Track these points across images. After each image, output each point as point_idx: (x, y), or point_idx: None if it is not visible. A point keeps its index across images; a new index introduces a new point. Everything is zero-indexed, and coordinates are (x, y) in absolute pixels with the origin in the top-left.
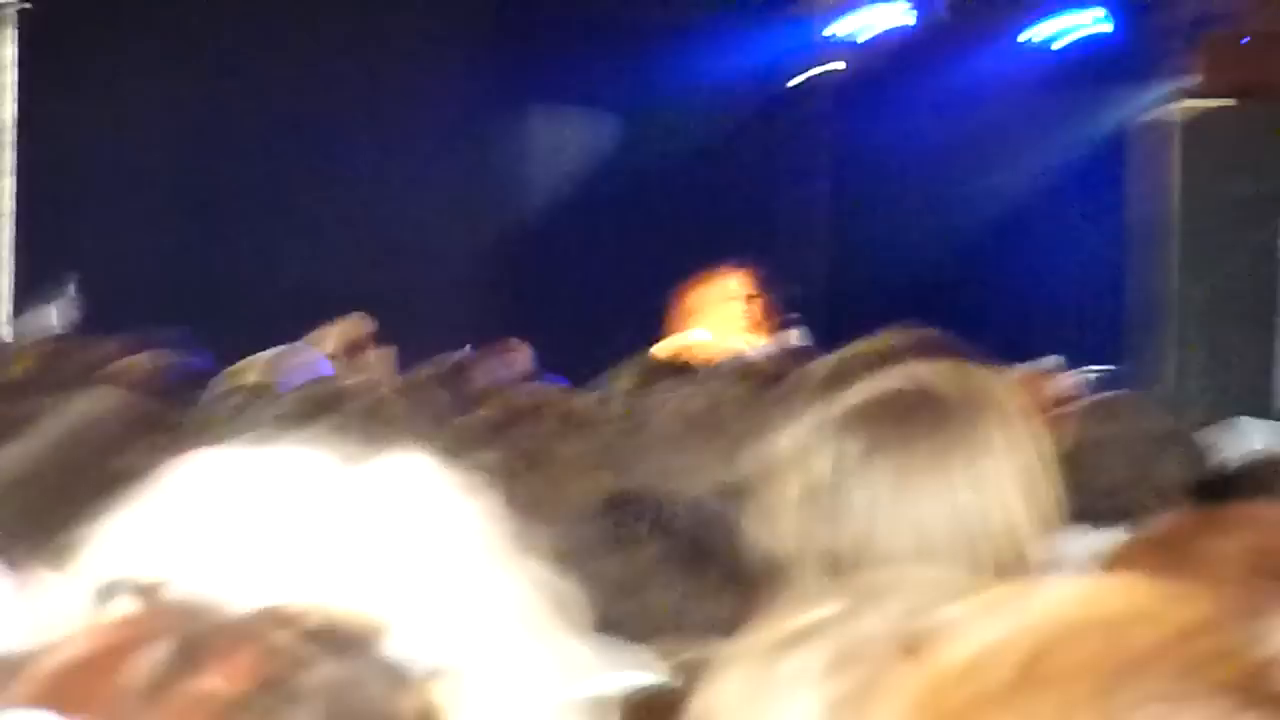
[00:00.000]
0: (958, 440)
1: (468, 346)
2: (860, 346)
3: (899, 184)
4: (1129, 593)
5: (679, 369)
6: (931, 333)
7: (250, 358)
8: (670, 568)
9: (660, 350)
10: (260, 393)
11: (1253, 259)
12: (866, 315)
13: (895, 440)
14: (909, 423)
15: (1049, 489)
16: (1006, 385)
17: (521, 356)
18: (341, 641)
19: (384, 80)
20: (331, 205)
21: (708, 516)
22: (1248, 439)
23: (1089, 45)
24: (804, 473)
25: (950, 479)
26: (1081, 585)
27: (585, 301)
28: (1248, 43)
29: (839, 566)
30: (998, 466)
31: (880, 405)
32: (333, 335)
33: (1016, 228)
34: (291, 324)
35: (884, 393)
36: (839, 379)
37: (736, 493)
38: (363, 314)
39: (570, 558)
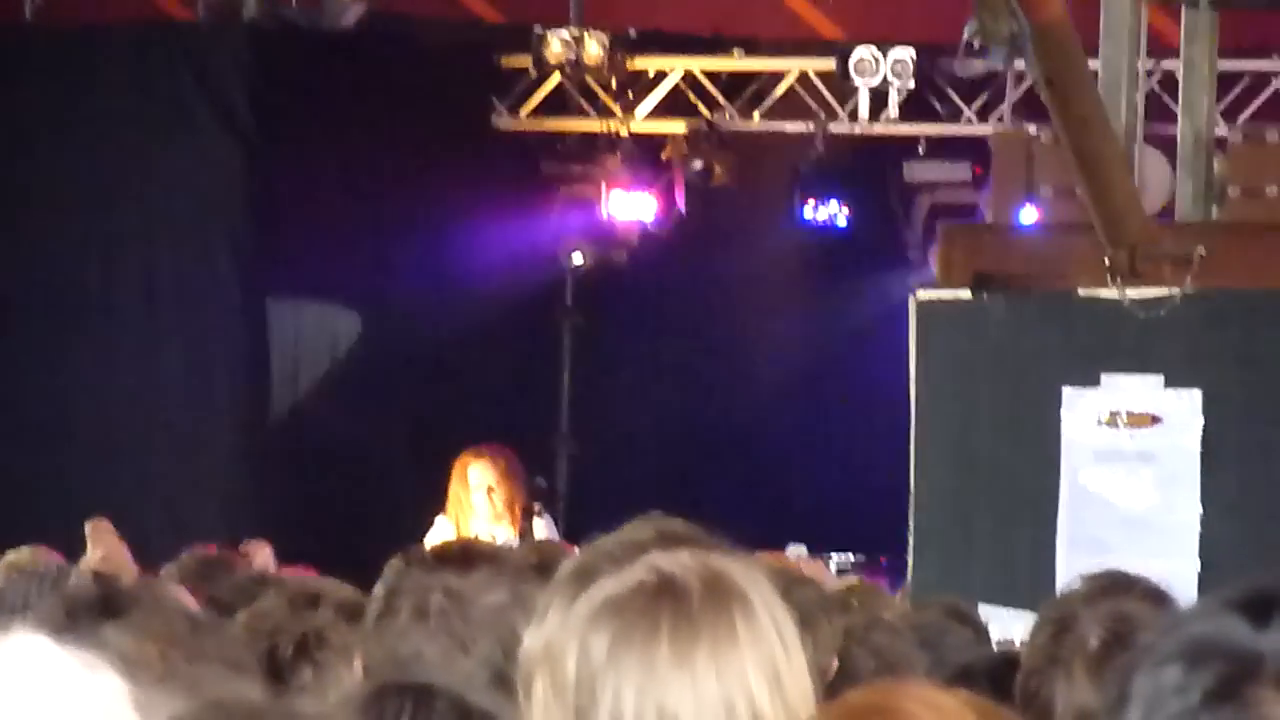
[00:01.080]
0: (701, 632)
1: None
2: (607, 540)
3: (645, 371)
4: None
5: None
6: (676, 522)
7: None
8: None
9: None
10: None
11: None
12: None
13: (639, 634)
14: (652, 616)
15: (796, 677)
16: (751, 573)
17: (263, 553)
18: None
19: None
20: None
21: (467, 712)
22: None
23: (834, 235)
24: (552, 671)
25: (694, 671)
26: None
27: (334, 490)
28: (984, 235)
29: None
30: (741, 656)
31: (624, 599)
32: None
33: (770, 410)
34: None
35: (628, 586)
36: (586, 574)
37: (499, 686)
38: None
39: None
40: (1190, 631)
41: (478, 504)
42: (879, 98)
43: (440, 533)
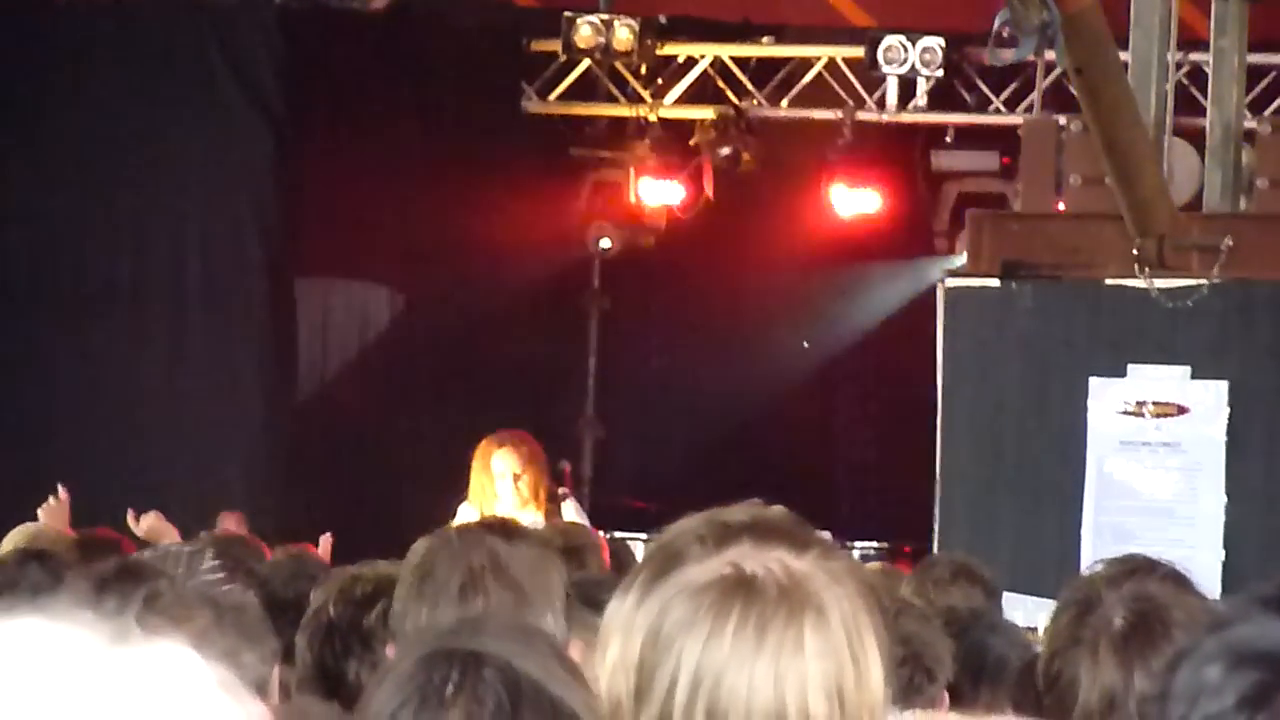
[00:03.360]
0: (767, 637)
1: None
2: (699, 518)
3: (672, 356)
4: None
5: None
6: (775, 511)
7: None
8: None
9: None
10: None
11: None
12: (635, 490)
13: (705, 628)
14: (723, 612)
15: (864, 695)
16: (838, 583)
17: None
18: None
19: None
20: (102, 381)
21: (515, 679)
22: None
23: (861, 222)
24: (623, 643)
25: (752, 674)
26: None
27: (360, 474)
28: (1013, 223)
29: None
30: (803, 668)
31: (699, 590)
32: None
33: (798, 396)
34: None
35: (706, 578)
36: (672, 552)
37: (549, 655)
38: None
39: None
40: (1235, 633)
41: (503, 492)
42: (907, 86)
43: (464, 520)
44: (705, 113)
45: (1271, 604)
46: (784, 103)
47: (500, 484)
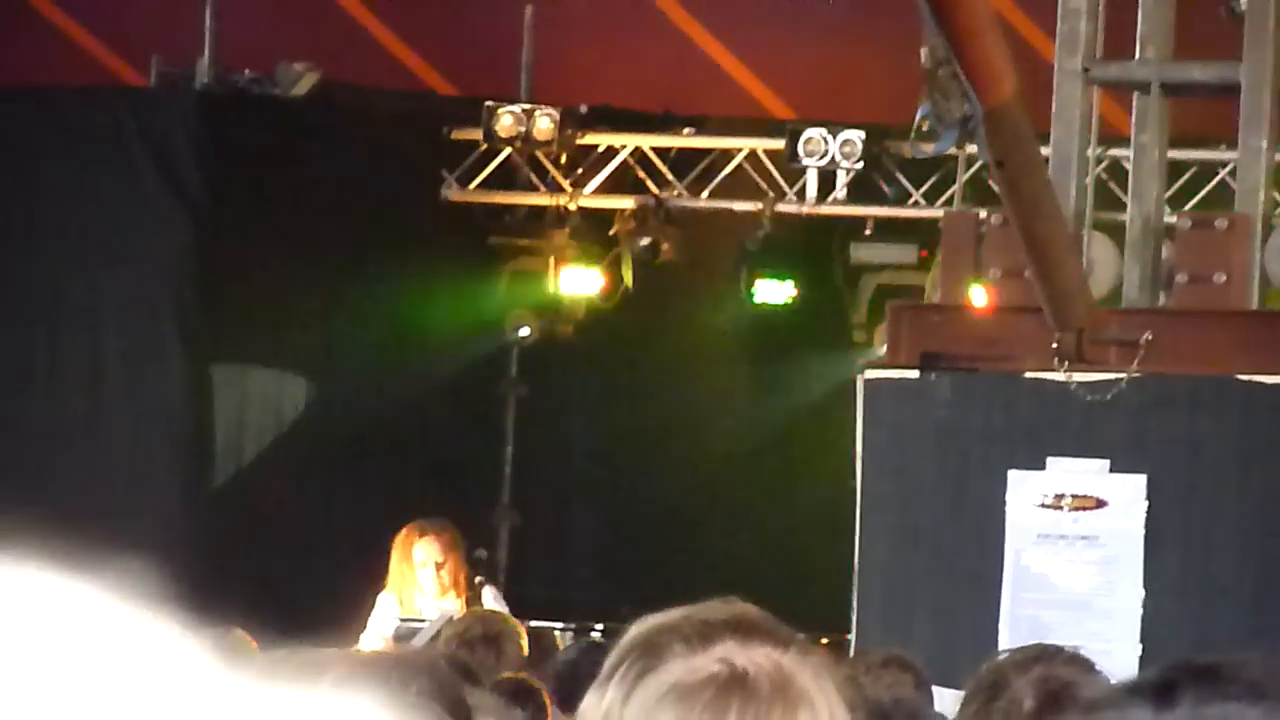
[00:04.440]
0: None
1: None
2: (676, 614)
3: (589, 445)
4: None
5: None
6: (751, 609)
7: None
8: None
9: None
10: None
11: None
12: (550, 579)
13: None
14: (719, 712)
15: None
16: (821, 677)
17: None
18: None
19: (65, 339)
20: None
21: None
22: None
23: (781, 313)
24: None
25: None
26: None
27: (274, 562)
28: (932, 315)
29: None
30: None
31: (693, 689)
32: None
33: (716, 486)
34: None
35: (698, 676)
36: (652, 648)
37: None
38: None
39: None
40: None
41: (424, 580)
42: (827, 178)
43: (385, 610)
44: (626, 202)
45: (1143, 692)
46: (704, 194)
47: (421, 573)
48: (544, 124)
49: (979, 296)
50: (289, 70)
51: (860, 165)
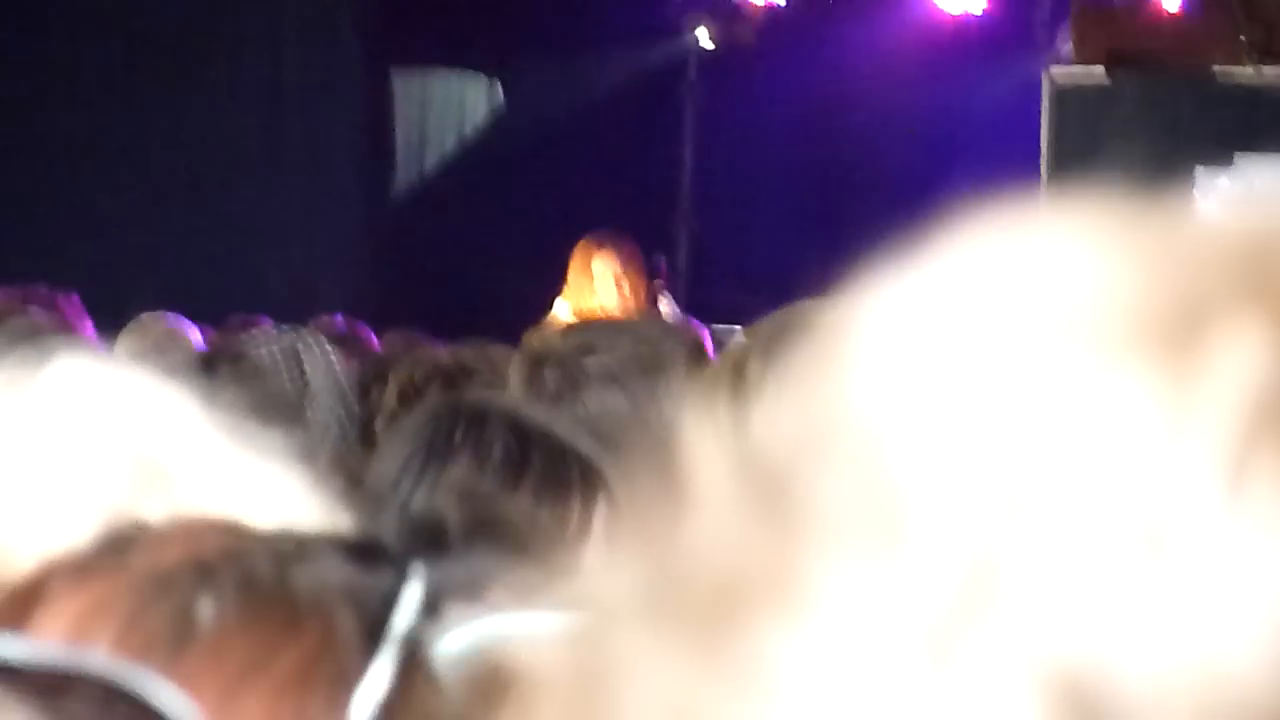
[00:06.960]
0: None
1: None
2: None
3: (766, 154)
4: None
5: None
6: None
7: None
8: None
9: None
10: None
11: None
12: (730, 285)
13: None
14: None
15: None
16: None
17: None
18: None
19: (244, 49)
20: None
21: (523, 427)
22: None
23: (965, 16)
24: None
25: None
26: None
27: (455, 269)
28: (1119, 13)
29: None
30: None
31: None
32: None
33: (893, 197)
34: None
35: None
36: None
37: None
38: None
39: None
40: None
41: (604, 294)
42: None
43: (560, 315)
44: None
45: None
46: None
47: (601, 285)
48: None
49: None
50: None
51: None
